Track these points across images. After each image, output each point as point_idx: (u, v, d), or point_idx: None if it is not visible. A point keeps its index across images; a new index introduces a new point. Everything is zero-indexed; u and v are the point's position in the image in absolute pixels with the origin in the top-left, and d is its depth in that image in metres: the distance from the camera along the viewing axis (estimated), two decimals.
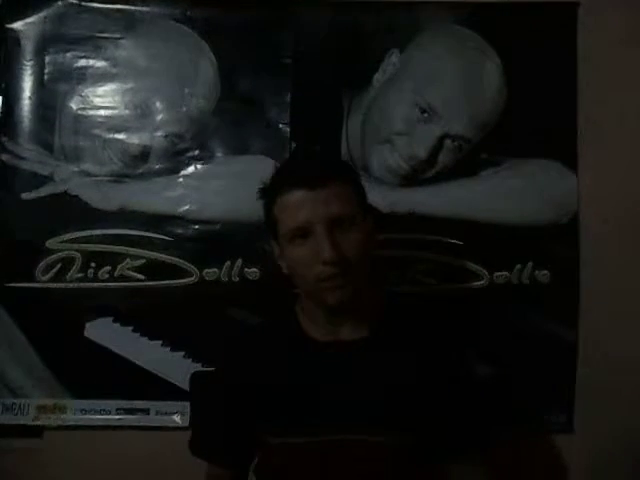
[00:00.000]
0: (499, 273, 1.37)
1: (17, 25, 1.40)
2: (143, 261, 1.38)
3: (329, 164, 1.07)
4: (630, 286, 1.35)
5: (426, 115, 1.37)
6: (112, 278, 1.38)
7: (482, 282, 1.37)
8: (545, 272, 1.37)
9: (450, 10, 1.39)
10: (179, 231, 1.39)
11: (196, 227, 1.39)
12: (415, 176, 1.39)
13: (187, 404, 1.35)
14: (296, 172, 1.02)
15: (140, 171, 1.40)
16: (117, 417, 1.37)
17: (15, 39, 1.40)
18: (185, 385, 1.36)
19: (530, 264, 1.37)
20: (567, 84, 1.38)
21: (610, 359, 1.32)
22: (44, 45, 1.41)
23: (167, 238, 1.38)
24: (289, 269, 1.04)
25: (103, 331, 1.38)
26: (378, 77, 1.40)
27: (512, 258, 1.38)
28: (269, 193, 1.04)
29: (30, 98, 1.41)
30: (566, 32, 1.38)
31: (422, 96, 1.38)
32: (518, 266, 1.37)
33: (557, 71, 1.38)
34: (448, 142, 1.38)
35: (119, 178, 1.40)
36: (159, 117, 1.40)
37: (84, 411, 1.37)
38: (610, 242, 1.36)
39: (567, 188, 1.38)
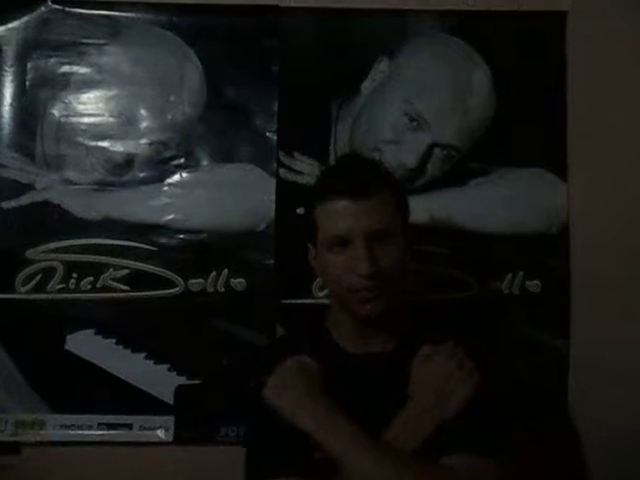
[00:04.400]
0: (489, 283, 1.36)
1: None
2: (127, 271, 1.35)
3: (374, 174, 1.06)
4: (621, 296, 1.35)
5: (415, 123, 1.37)
6: (95, 289, 1.35)
7: (472, 292, 1.36)
8: (536, 282, 1.36)
9: (439, 18, 1.38)
10: (164, 241, 1.36)
11: (181, 236, 1.36)
12: (404, 185, 1.37)
13: (171, 418, 1.32)
14: (341, 179, 1.02)
15: (124, 179, 1.37)
16: (99, 432, 1.33)
17: None
18: (170, 399, 1.33)
19: (521, 274, 1.36)
20: (557, 92, 1.37)
21: (602, 369, 1.31)
22: (26, 51, 1.37)
23: (151, 248, 1.36)
24: (323, 274, 1.05)
25: (85, 343, 1.35)
26: (367, 85, 1.39)
27: (503, 268, 1.36)
28: (312, 197, 1.04)
29: (11, 105, 1.38)
30: (555, 40, 1.37)
31: (411, 104, 1.37)
32: (509, 276, 1.36)
33: (546, 79, 1.38)
34: (437, 151, 1.37)
35: (102, 187, 1.37)
36: (144, 124, 1.38)
37: (64, 426, 1.33)
38: (601, 252, 1.35)
39: (557, 197, 1.37)
